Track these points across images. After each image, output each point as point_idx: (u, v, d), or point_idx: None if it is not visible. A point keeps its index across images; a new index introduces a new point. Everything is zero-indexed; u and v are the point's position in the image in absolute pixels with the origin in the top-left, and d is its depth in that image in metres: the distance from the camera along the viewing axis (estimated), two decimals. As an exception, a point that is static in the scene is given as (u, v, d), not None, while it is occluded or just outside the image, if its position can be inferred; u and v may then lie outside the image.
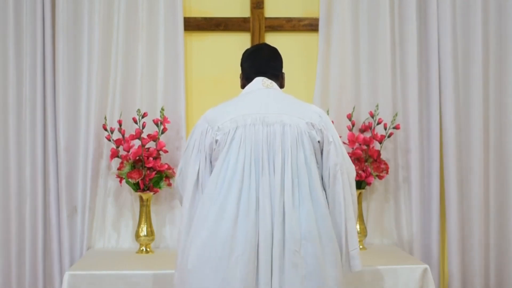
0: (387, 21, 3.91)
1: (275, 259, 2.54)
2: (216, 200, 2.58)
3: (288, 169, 2.59)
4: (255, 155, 2.60)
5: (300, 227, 2.56)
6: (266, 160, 2.60)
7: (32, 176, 3.83)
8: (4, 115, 3.83)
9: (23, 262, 3.83)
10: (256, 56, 2.87)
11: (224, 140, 2.63)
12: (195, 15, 4.00)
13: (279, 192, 2.57)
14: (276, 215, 2.55)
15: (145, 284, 3.21)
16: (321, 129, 2.68)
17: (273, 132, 2.62)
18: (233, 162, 2.60)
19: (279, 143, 2.61)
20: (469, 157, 3.93)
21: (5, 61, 3.82)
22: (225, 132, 2.64)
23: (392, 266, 3.34)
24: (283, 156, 2.60)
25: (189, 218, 2.67)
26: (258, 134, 2.62)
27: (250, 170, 2.58)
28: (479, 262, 3.91)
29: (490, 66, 3.96)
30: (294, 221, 2.56)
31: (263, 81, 2.78)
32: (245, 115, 2.65)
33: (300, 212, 2.58)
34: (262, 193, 2.56)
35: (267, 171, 2.58)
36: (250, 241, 2.53)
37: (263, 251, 2.54)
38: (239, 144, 2.61)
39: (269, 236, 2.54)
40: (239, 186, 2.57)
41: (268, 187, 2.57)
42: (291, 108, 2.70)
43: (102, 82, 3.84)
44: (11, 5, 3.81)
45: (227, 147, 2.62)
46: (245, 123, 2.63)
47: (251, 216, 2.55)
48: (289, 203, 2.57)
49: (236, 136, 2.62)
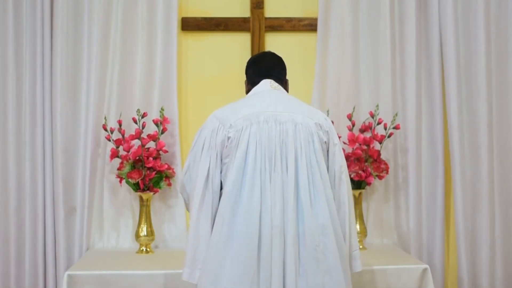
0: (387, 21, 3.90)
1: (289, 255, 2.56)
2: (230, 196, 2.61)
3: (303, 166, 2.62)
4: (268, 152, 2.63)
5: (318, 223, 2.60)
6: (279, 157, 2.63)
7: (32, 176, 3.82)
8: (3, 115, 3.82)
9: (22, 262, 3.83)
10: (261, 61, 2.92)
11: (237, 136, 2.65)
12: (195, 15, 4.00)
13: (293, 189, 2.60)
14: (289, 211, 2.58)
15: (145, 284, 3.21)
16: (328, 131, 2.74)
17: (285, 130, 2.66)
18: (246, 158, 2.62)
19: (292, 141, 2.64)
20: (475, 157, 3.91)
21: (5, 61, 3.82)
22: (238, 129, 2.66)
23: (392, 266, 3.34)
24: (295, 154, 2.63)
25: (198, 214, 2.69)
26: (271, 131, 2.65)
27: (264, 166, 2.61)
28: (486, 262, 3.89)
29: (493, 64, 3.94)
30: (313, 217, 2.60)
31: (270, 83, 2.82)
32: (257, 112, 2.68)
33: (318, 208, 2.61)
34: (274, 190, 2.59)
35: (279, 168, 2.62)
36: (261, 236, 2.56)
37: (275, 247, 2.56)
38: (253, 141, 2.64)
39: (281, 232, 2.56)
40: (252, 182, 2.59)
41: (281, 183, 2.60)
42: (300, 108, 2.75)
43: (101, 82, 3.84)
44: (11, 5, 3.81)
45: (241, 143, 2.64)
46: (258, 120, 2.66)
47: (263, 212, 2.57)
48: (307, 199, 2.60)
49: (250, 133, 2.65)
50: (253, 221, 2.57)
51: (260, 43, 3.94)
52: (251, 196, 2.59)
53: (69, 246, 3.82)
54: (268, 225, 2.57)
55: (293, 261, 2.56)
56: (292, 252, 2.56)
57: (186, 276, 2.72)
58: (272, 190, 2.59)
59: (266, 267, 2.56)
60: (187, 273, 2.72)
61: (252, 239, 2.56)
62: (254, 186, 2.59)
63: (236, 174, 2.61)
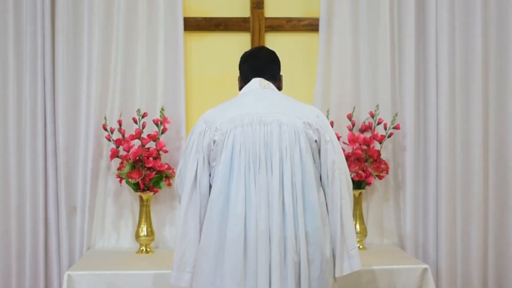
0: (387, 21, 3.90)
1: (275, 259, 2.55)
2: (217, 201, 2.61)
3: (287, 168, 2.60)
4: (253, 154, 2.61)
5: (298, 227, 2.59)
6: (264, 159, 2.61)
7: (32, 176, 3.82)
8: (4, 115, 3.83)
9: (23, 262, 3.83)
10: (254, 58, 2.89)
11: (222, 140, 2.64)
12: (195, 15, 4.00)
13: (278, 192, 2.58)
14: (274, 214, 2.57)
15: (145, 284, 3.21)
16: (318, 128, 2.69)
17: (270, 131, 2.64)
18: (230, 162, 2.61)
19: (276, 142, 2.62)
20: (468, 157, 3.92)
21: (5, 62, 3.82)
22: (223, 132, 2.65)
23: (392, 266, 3.34)
24: (280, 155, 2.61)
25: (185, 217, 2.70)
26: (255, 133, 2.63)
27: (249, 169, 2.60)
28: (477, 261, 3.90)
29: (490, 64, 3.95)
30: (294, 222, 2.58)
31: (260, 82, 2.79)
32: (242, 114, 2.67)
33: (299, 212, 2.60)
34: (259, 193, 2.58)
35: (264, 170, 2.60)
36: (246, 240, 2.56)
37: (261, 251, 2.55)
38: (237, 144, 2.62)
39: (266, 236, 2.56)
40: (237, 186, 2.59)
41: (266, 187, 2.59)
42: (288, 108, 2.71)
43: (101, 82, 3.84)
44: (11, 5, 3.81)
45: (225, 147, 2.63)
46: (243, 123, 2.65)
47: (248, 215, 2.57)
48: (289, 203, 2.59)
49: (234, 136, 2.63)
50: (238, 225, 2.56)
51: (260, 43, 3.94)
52: (236, 200, 2.58)
53: (70, 246, 3.82)
54: (253, 229, 2.57)
55: (278, 265, 2.55)
56: (277, 256, 2.55)
57: (174, 280, 2.72)
58: (257, 193, 2.58)
59: (252, 271, 2.55)
60: (174, 277, 2.72)
61: (238, 243, 2.56)
62: (238, 190, 2.58)
63: (222, 179, 2.61)
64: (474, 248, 3.90)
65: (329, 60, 3.90)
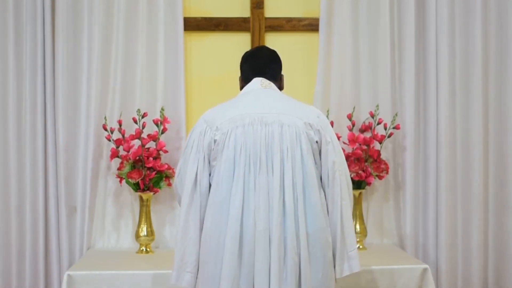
0: (387, 21, 3.91)
1: (274, 259, 2.55)
2: (217, 201, 2.62)
3: (288, 169, 2.60)
4: (253, 154, 2.61)
5: (299, 228, 2.58)
6: (264, 159, 2.60)
7: (32, 176, 3.82)
8: (4, 115, 3.83)
9: (23, 262, 3.83)
10: (254, 58, 2.88)
11: (223, 139, 2.64)
12: (195, 15, 4.00)
13: (278, 192, 2.57)
14: (274, 214, 2.56)
15: (145, 284, 3.21)
16: (319, 129, 2.68)
17: (271, 131, 2.63)
18: (232, 161, 2.61)
19: (277, 143, 2.61)
20: (468, 157, 3.92)
21: (5, 62, 3.82)
22: (223, 132, 2.64)
23: (392, 266, 3.34)
24: (281, 156, 2.61)
25: (186, 217, 2.69)
26: (256, 134, 2.63)
27: (249, 170, 2.59)
28: (477, 261, 3.90)
29: (490, 65, 3.95)
30: (295, 222, 2.58)
31: (261, 82, 2.79)
32: (243, 114, 2.66)
33: (300, 213, 2.59)
34: (258, 194, 2.57)
35: (264, 170, 2.59)
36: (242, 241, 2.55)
37: (259, 252, 2.55)
38: (238, 144, 2.62)
39: (266, 236, 2.55)
40: (236, 186, 2.58)
41: (266, 187, 2.58)
42: (289, 108, 2.70)
43: (102, 82, 3.84)
44: (11, 5, 3.81)
45: (226, 146, 2.63)
46: (244, 123, 2.64)
47: (245, 216, 2.57)
48: (290, 203, 2.58)
49: (235, 136, 2.63)
50: (234, 226, 2.56)
51: (260, 43, 3.94)
52: (233, 201, 2.57)
53: (70, 246, 3.82)
54: (251, 229, 2.56)
55: (277, 266, 2.54)
56: (277, 256, 2.54)
57: (174, 280, 2.72)
58: (256, 194, 2.57)
59: (246, 272, 2.55)
60: (175, 277, 2.71)
61: (233, 244, 2.55)
62: (236, 191, 2.58)
63: (222, 179, 2.61)
64: (474, 248, 3.91)
65: (329, 60, 3.91)
